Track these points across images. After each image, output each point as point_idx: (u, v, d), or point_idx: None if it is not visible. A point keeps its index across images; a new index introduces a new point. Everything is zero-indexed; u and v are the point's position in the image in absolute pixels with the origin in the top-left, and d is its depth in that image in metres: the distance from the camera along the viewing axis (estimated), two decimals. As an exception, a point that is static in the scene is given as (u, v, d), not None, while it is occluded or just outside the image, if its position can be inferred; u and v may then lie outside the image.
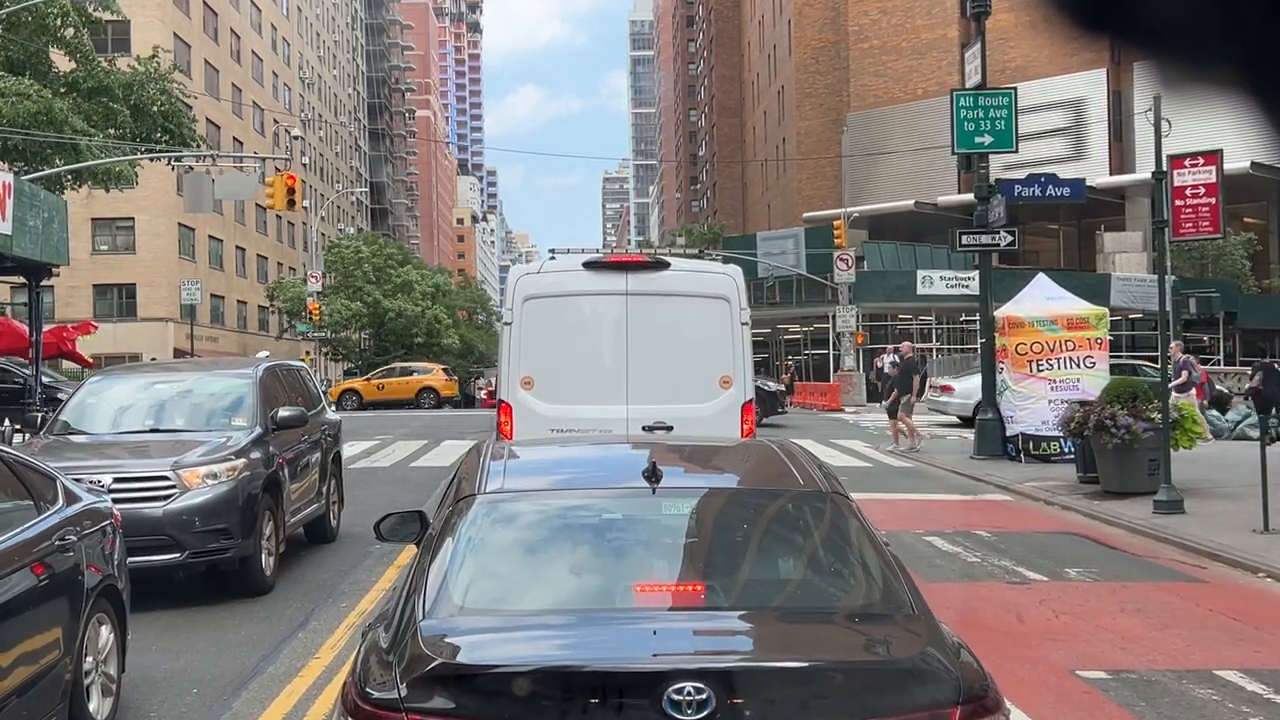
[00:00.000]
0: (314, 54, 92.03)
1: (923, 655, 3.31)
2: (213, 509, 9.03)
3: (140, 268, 57.90)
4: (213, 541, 9.06)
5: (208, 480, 9.10)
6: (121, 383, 11.41)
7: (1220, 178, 14.82)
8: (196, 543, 8.99)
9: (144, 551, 8.55)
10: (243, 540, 9.21)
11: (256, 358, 27.01)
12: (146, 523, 8.72)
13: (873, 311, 51.37)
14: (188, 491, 9.02)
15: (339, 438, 13.02)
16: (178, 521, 8.91)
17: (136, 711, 6.48)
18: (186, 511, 8.95)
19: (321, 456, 11.81)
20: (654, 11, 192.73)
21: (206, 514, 9.00)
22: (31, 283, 20.32)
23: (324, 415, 12.66)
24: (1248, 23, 1.10)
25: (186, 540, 8.95)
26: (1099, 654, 7.41)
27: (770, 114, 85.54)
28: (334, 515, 12.34)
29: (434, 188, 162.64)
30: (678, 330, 10.16)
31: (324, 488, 11.83)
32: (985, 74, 20.61)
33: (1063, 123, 57.85)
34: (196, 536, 8.98)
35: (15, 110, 25.28)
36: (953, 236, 21.41)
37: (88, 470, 8.66)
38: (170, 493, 8.99)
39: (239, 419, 10.27)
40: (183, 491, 9.01)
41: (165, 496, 8.95)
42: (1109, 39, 1.22)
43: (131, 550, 8.16)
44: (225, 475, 9.20)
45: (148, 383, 11.34)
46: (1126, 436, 14.11)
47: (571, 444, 6.94)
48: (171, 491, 8.99)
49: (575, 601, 3.70)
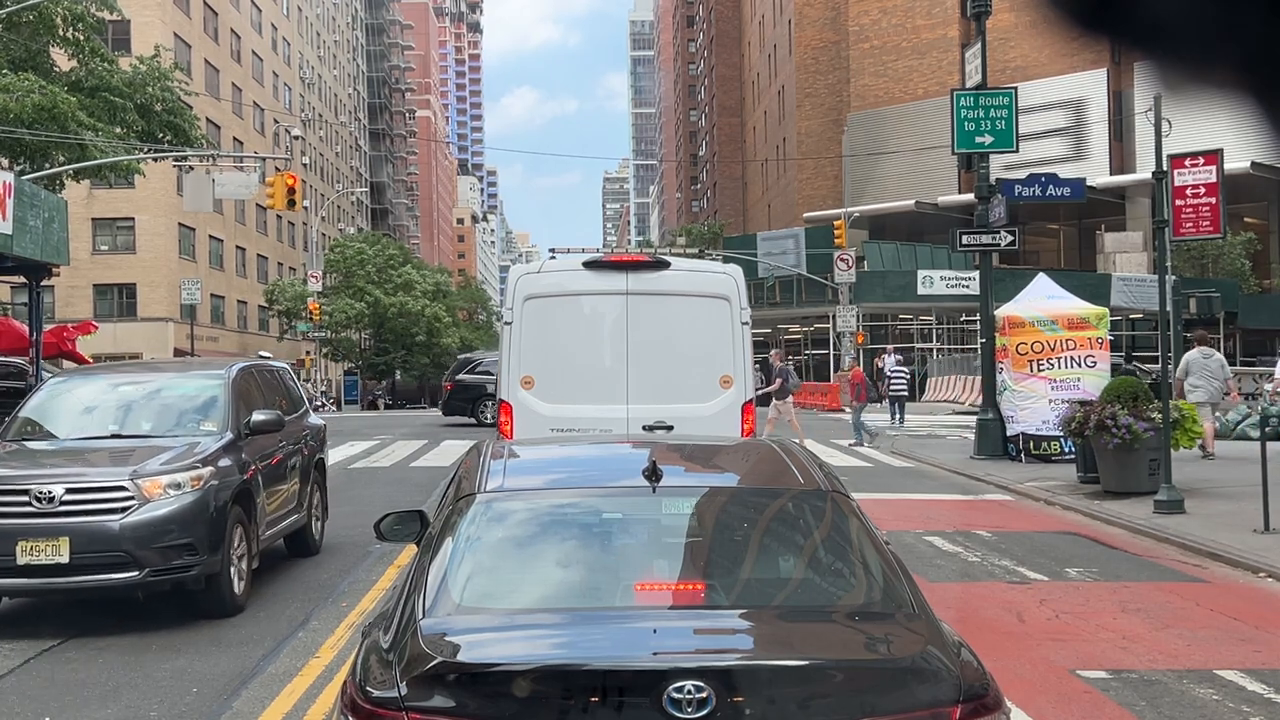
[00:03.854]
0: (314, 54, 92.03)
1: (923, 654, 3.31)
2: (175, 522, 8.27)
3: (140, 267, 57.90)
4: (175, 558, 8.27)
5: (170, 490, 8.36)
6: (85, 384, 10.64)
7: (1220, 177, 14.81)
8: (157, 560, 8.19)
9: (98, 570, 8.04)
10: (209, 556, 8.42)
11: (257, 357, 27.07)
12: (101, 538, 8.05)
13: (873, 311, 51.38)
14: (148, 503, 8.24)
15: (323, 443, 12.31)
16: (136, 536, 8.11)
17: (136, 711, 6.48)
18: (146, 525, 8.16)
19: (302, 463, 11.07)
20: (654, 11, 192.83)
21: (168, 528, 8.23)
22: (32, 283, 20.31)
23: (306, 419, 11.91)
24: (1248, 23, 1.11)
25: (145, 557, 8.14)
26: (1099, 654, 7.41)
27: (771, 114, 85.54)
28: (317, 526, 11.62)
29: (434, 188, 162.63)
30: (678, 330, 10.16)
31: (305, 497, 11.06)
32: (986, 74, 20.61)
33: (1063, 123, 57.85)
34: (157, 553, 8.19)
35: (21, 105, 25.28)
36: (953, 236, 21.42)
37: (37, 480, 8.19)
38: (128, 504, 8.20)
39: (209, 423, 9.56)
40: (142, 503, 8.23)
41: (122, 509, 8.17)
42: (1109, 39, 1.23)
43: (84, 569, 8.00)
44: (190, 485, 8.46)
45: (113, 384, 10.52)
46: (1127, 436, 14.11)
47: (571, 443, 6.95)
48: (129, 503, 8.20)
49: (575, 600, 3.70)
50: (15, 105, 25.12)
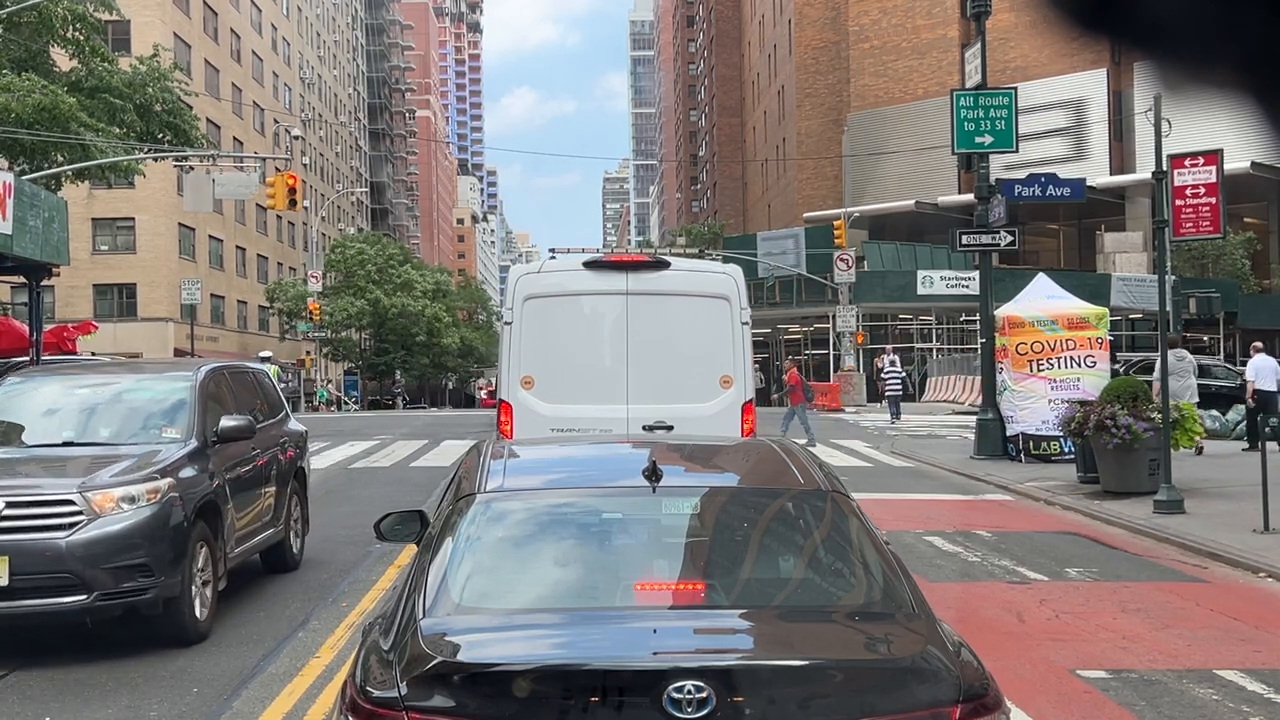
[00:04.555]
0: (314, 54, 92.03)
1: (923, 654, 3.31)
2: (128, 540, 7.45)
3: (140, 267, 57.90)
4: (128, 580, 7.43)
5: (123, 504, 7.54)
6: (43, 386, 9.76)
7: (1220, 177, 14.81)
8: (108, 581, 7.36)
9: (41, 593, 7.27)
10: (166, 578, 7.59)
11: (258, 357, 27.11)
12: (45, 557, 7.27)
13: (873, 311, 51.38)
14: (98, 519, 7.42)
15: (304, 450, 11.50)
16: (84, 555, 7.29)
17: (136, 711, 6.48)
18: (95, 543, 7.33)
19: (279, 472, 10.32)
20: (654, 11, 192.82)
21: (120, 546, 7.40)
22: (31, 283, 20.30)
23: (285, 425, 11.15)
24: (1248, 23, 1.11)
25: (95, 579, 7.32)
26: (1099, 654, 7.41)
27: (770, 114, 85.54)
28: (296, 540, 10.78)
29: (434, 188, 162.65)
30: (678, 330, 10.17)
31: (282, 509, 10.28)
32: (985, 74, 20.62)
33: (1063, 123, 57.83)
34: (108, 574, 7.36)
35: (23, 105, 25.28)
36: (953, 236, 21.42)
37: None
38: (76, 520, 7.37)
39: (172, 430, 8.78)
40: (92, 519, 7.40)
41: (69, 525, 7.35)
42: (1109, 39, 1.23)
43: (25, 592, 7.24)
44: (146, 498, 7.64)
45: (72, 386, 9.68)
46: (1127, 436, 14.11)
47: (571, 443, 6.96)
48: (77, 519, 7.38)
49: (575, 600, 3.70)
50: (18, 105, 25.13)
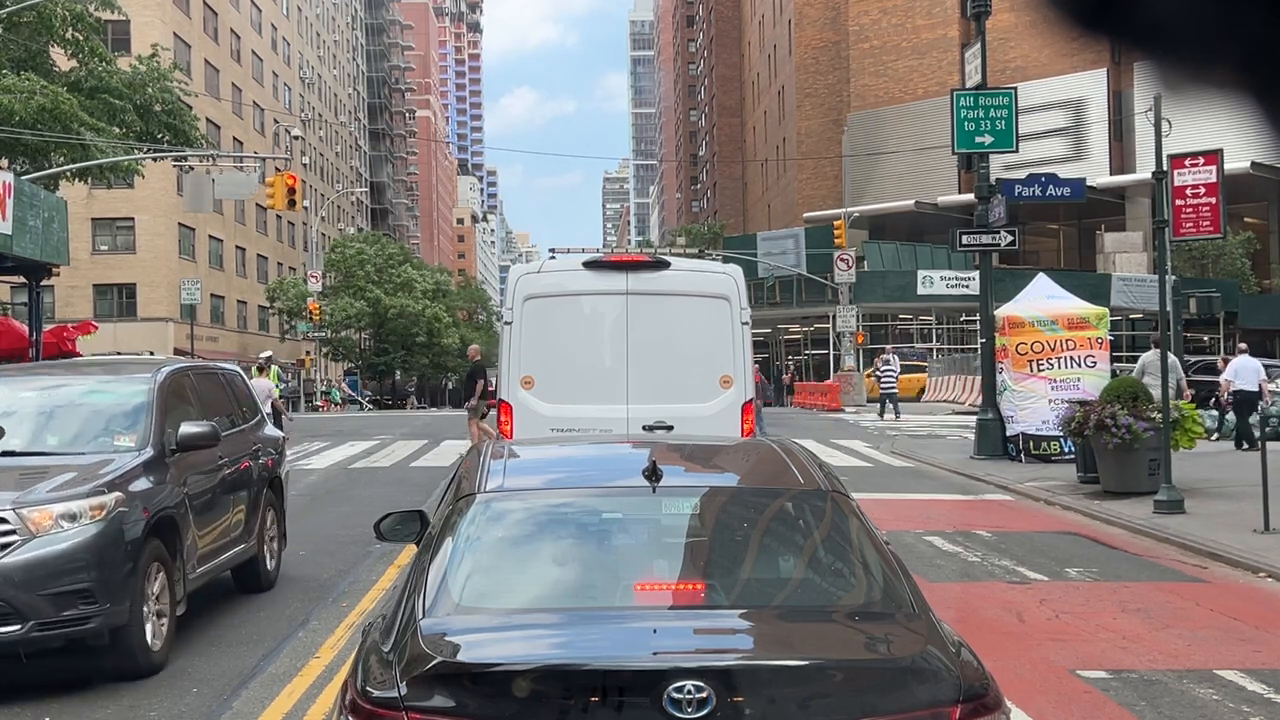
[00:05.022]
0: (314, 54, 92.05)
1: (923, 654, 3.31)
2: (69, 562, 6.70)
3: (140, 268, 57.93)
4: (69, 607, 6.66)
5: (63, 522, 6.78)
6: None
7: (1220, 177, 14.82)
8: (46, 609, 6.60)
9: None
10: (113, 605, 6.78)
11: (259, 357, 27.05)
12: None
13: (873, 311, 51.41)
14: (34, 539, 6.68)
15: (282, 458, 10.61)
16: (18, 580, 6.55)
17: (136, 711, 6.48)
18: (30, 567, 6.60)
19: (252, 483, 9.48)
20: (654, 11, 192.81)
21: (59, 569, 6.66)
22: (31, 283, 20.33)
23: (260, 430, 10.27)
24: (1248, 23, 1.11)
25: (31, 606, 6.56)
26: (1099, 654, 7.41)
27: (770, 114, 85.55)
28: (271, 556, 9.93)
29: (434, 188, 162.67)
30: (678, 330, 10.17)
31: (255, 523, 9.43)
32: (985, 74, 20.61)
33: (1063, 123, 57.86)
34: (46, 601, 6.61)
35: (25, 106, 25.29)
36: (953, 236, 21.42)
37: None
38: (9, 541, 6.64)
39: (125, 437, 7.93)
40: (27, 539, 6.66)
41: (1, 546, 6.64)
42: (1109, 39, 1.23)
43: None
44: (89, 515, 6.85)
45: (19, 389, 8.71)
46: (1127, 436, 14.11)
47: (571, 443, 6.95)
48: (10, 539, 6.65)
49: (575, 600, 3.70)
50: (20, 107, 25.14)
